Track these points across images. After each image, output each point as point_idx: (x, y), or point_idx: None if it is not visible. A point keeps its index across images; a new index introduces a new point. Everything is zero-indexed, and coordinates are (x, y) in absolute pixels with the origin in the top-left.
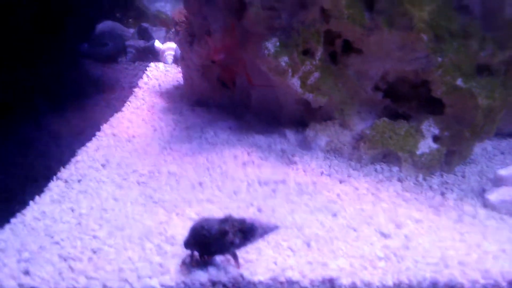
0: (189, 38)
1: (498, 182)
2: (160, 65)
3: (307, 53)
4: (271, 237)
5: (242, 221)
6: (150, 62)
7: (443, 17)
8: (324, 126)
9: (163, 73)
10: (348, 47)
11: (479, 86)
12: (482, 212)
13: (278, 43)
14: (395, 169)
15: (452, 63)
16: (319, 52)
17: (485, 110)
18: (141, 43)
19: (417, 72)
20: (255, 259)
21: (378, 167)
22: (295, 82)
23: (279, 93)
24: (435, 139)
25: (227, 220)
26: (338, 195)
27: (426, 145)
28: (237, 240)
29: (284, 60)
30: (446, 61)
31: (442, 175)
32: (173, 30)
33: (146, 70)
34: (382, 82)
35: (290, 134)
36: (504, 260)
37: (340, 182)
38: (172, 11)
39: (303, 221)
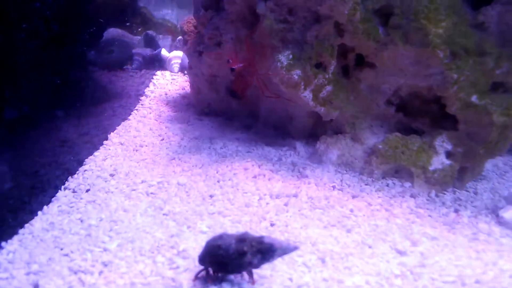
0: (198, 48)
1: (510, 200)
2: (167, 73)
3: (320, 66)
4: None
5: (260, 241)
6: (156, 71)
7: (459, 33)
8: (335, 140)
9: (169, 81)
10: (361, 61)
11: (494, 103)
12: (496, 229)
13: (291, 56)
14: (407, 184)
15: (468, 80)
16: (332, 66)
17: (500, 127)
18: (148, 51)
19: (431, 88)
20: (269, 275)
21: (390, 182)
22: (307, 95)
23: (289, 106)
24: (448, 155)
25: (245, 239)
26: (351, 210)
27: (439, 161)
28: (255, 261)
29: (296, 73)
30: (462, 78)
31: (454, 192)
32: (179, 38)
33: (152, 78)
34: (395, 96)
35: (300, 147)
36: None
37: (353, 197)
38: (177, 19)
39: (317, 236)
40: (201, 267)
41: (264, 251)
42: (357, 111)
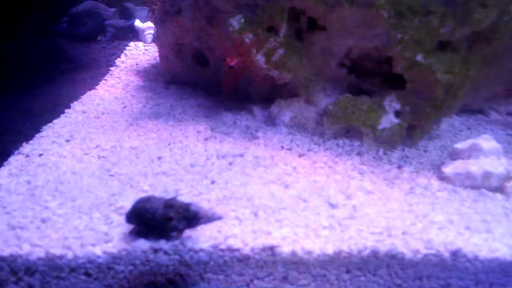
0: (163, 16)
1: (455, 155)
2: (140, 44)
3: (272, 30)
4: (219, 207)
5: (186, 208)
6: (130, 42)
7: None
8: (288, 102)
9: (142, 52)
10: (313, 24)
11: (439, 61)
12: (436, 184)
13: (243, 20)
14: (356, 143)
15: (413, 39)
16: (284, 29)
17: (445, 86)
18: (121, 22)
19: (378, 49)
20: (199, 227)
21: (340, 141)
22: (260, 58)
23: (247, 70)
24: (397, 114)
25: (172, 205)
26: (294, 168)
27: (387, 120)
28: (180, 226)
29: (248, 37)
30: (406, 37)
31: (403, 150)
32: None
33: (125, 49)
34: (346, 58)
35: (258, 111)
36: (450, 231)
37: (299, 156)
38: None
39: (255, 192)
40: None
41: (190, 218)
42: (310, 74)
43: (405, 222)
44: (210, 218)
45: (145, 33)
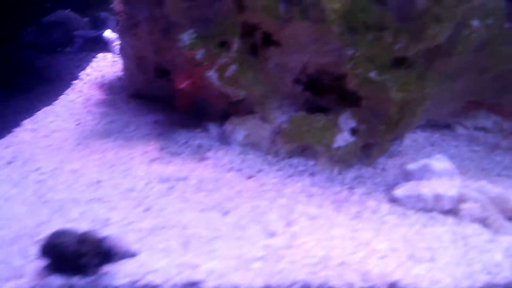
0: (124, 28)
1: (407, 176)
2: (109, 55)
3: (224, 45)
4: (148, 238)
5: (99, 244)
6: (98, 53)
7: (359, 8)
8: (243, 120)
9: (109, 64)
10: (268, 40)
11: (393, 78)
12: (385, 207)
13: (194, 35)
14: (311, 163)
15: (365, 55)
16: (236, 44)
17: (399, 103)
18: (90, 32)
19: (332, 65)
20: (122, 261)
21: (295, 161)
22: (212, 75)
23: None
24: (352, 132)
25: (85, 240)
26: (239, 191)
27: (342, 138)
28: (95, 262)
29: (200, 53)
30: (358, 54)
31: (360, 169)
32: None
33: (92, 61)
34: (302, 75)
35: (214, 128)
36: (391, 260)
37: (248, 177)
38: None
39: (190, 220)
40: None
41: (103, 253)
42: (266, 90)
43: (344, 251)
44: (124, 255)
45: (114, 44)
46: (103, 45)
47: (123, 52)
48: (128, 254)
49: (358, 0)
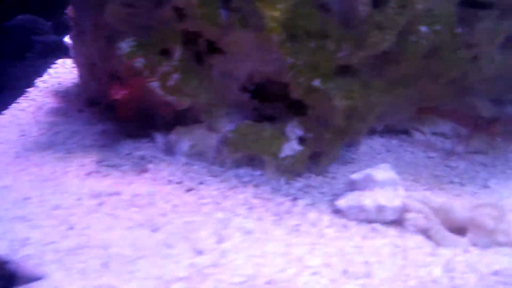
0: (75, 34)
1: (351, 186)
2: (68, 61)
3: (166, 53)
4: (67, 258)
5: (2, 267)
6: (58, 59)
7: (302, 15)
8: (189, 129)
9: (68, 70)
10: (213, 47)
11: (337, 87)
12: (326, 219)
13: (133, 43)
14: (258, 173)
15: (307, 64)
16: (178, 52)
17: (344, 111)
18: (51, 37)
19: (276, 74)
20: (34, 285)
21: (241, 171)
22: (154, 83)
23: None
24: (300, 140)
25: None
26: (174, 206)
27: (290, 147)
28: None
29: (139, 61)
30: (300, 63)
31: (309, 178)
32: None
33: (50, 67)
34: (249, 82)
35: (160, 139)
36: (323, 277)
37: (187, 190)
38: None
39: (116, 238)
40: None
41: (8, 276)
42: (213, 98)
43: (274, 268)
44: (30, 279)
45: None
46: (64, 51)
47: (76, 59)
48: (34, 278)
49: (300, 7)
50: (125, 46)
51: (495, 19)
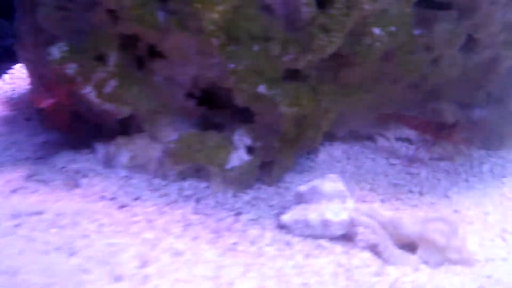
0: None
1: (298, 199)
2: None
3: (101, 58)
4: None
5: None
6: (16, 64)
7: (245, 17)
8: (129, 140)
9: (25, 76)
10: (154, 51)
11: (283, 93)
12: (269, 235)
13: (65, 48)
14: (203, 185)
15: (249, 68)
16: (114, 57)
17: (293, 118)
18: (9, 41)
19: (219, 79)
20: None
21: (186, 184)
22: (89, 91)
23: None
24: (249, 150)
25: None
26: (100, 225)
27: (237, 157)
28: None
29: (72, 67)
30: (241, 67)
31: (259, 189)
32: None
33: (6, 72)
34: (195, 88)
35: (101, 150)
36: None
37: (120, 207)
38: None
39: (26, 264)
40: None
41: None
42: (156, 106)
43: None
44: None
45: None
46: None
47: (24, 65)
48: None
49: (242, 8)
50: (56, 51)
51: (454, 20)
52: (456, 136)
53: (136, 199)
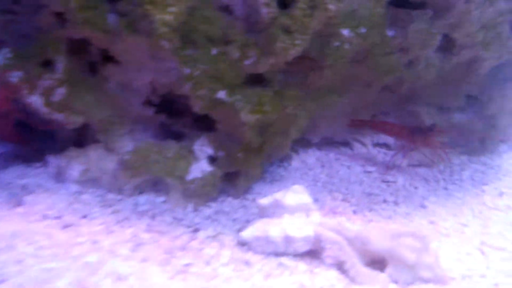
0: None
1: (261, 212)
2: None
3: (48, 64)
4: None
5: None
6: None
7: (199, 19)
8: (81, 152)
9: None
10: (107, 56)
11: (245, 99)
12: (226, 254)
13: (9, 55)
14: (160, 200)
15: (207, 73)
16: (62, 63)
17: (255, 126)
18: None
19: (175, 85)
20: None
21: (142, 199)
22: (36, 100)
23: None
24: (211, 160)
25: None
26: (39, 248)
27: (198, 168)
28: None
29: (16, 75)
30: (197, 73)
31: (223, 202)
32: None
33: None
34: (154, 96)
35: (54, 163)
36: None
37: (63, 227)
38: None
39: None
40: None
41: None
42: (111, 115)
43: None
44: None
45: None
46: None
47: None
48: None
49: (199, 9)
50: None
51: (429, 20)
52: (433, 141)
53: (84, 217)
